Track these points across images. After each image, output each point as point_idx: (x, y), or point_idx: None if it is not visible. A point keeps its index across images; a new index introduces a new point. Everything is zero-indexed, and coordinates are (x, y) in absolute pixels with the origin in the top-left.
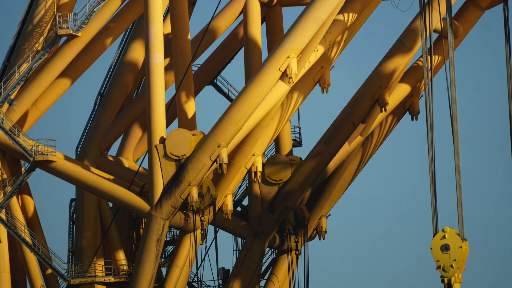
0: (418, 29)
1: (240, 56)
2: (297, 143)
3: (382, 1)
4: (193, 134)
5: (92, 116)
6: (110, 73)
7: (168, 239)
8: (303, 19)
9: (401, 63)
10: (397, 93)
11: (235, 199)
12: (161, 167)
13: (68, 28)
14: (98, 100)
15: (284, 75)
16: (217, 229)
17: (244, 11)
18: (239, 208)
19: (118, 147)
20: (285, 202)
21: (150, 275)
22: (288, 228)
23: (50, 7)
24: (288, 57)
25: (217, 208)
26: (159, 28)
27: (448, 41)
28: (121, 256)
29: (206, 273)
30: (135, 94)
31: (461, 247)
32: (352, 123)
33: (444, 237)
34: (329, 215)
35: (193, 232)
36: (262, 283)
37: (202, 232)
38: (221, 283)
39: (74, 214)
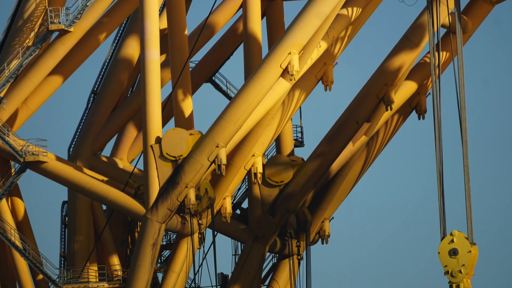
0: (425, 24)
1: (239, 53)
2: (298, 143)
3: None
4: (191, 134)
5: (85, 115)
6: (103, 70)
7: (164, 243)
8: (305, 13)
9: (407, 60)
10: (403, 91)
11: (234, 202)
12: (157, 168)
13: (60, 23)
14: (91, 98)
15: (285, 72)
16: (216, 232)
17: (244, 5)
18: (238, 211)
19: (112, 147)
20: (286, 205)
21: (145, 281)
22: (290, 231)
23: (41, 1)
24: (290, 53)
25: (215, 211)
26: (154, 23)
27: (457, 36)
28: (115, 261)
29: (204, 278)
30: (129, 92)
31: (470, 251)
32: (356, 122)
33: (452, 241)
34: (332, 218)
35: (190, 236)
36: None
37: (199, 236)
38: None
39: (66, 217)
